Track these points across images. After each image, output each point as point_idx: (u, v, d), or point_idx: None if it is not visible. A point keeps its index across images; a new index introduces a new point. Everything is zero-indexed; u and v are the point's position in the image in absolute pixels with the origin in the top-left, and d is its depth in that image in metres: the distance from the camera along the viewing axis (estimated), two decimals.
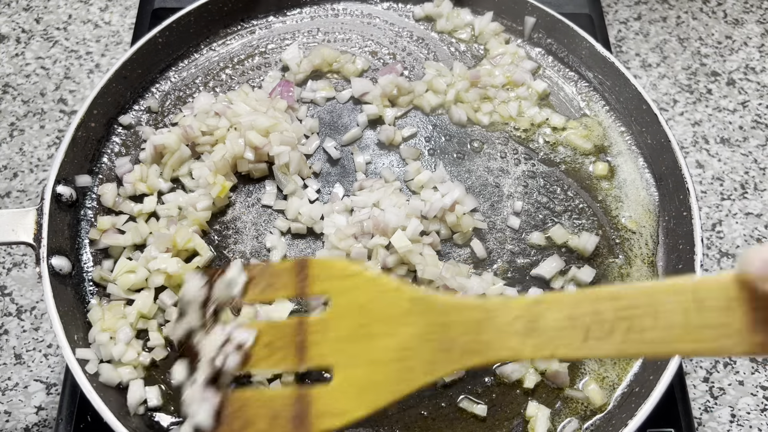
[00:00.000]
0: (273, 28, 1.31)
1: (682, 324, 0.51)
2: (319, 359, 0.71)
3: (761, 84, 1.53)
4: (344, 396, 0.68)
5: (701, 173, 1.40)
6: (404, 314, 0.67)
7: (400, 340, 0.66)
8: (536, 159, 1.17)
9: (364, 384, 0.68)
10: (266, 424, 0.70)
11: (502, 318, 0.62)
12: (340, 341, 0.70)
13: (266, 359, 0.73)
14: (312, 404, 0.69)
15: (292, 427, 0.69)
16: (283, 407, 0.71)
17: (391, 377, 0.66)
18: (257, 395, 0.74)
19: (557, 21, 1.24)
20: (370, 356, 0.68)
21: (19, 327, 1.18)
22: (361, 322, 0.69)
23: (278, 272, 0.76)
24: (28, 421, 1.10)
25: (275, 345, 0.73)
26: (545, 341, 0.59)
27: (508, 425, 0.95)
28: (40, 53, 1.52)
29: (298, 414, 0.70)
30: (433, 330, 0.66)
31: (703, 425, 1.14)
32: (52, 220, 1.00)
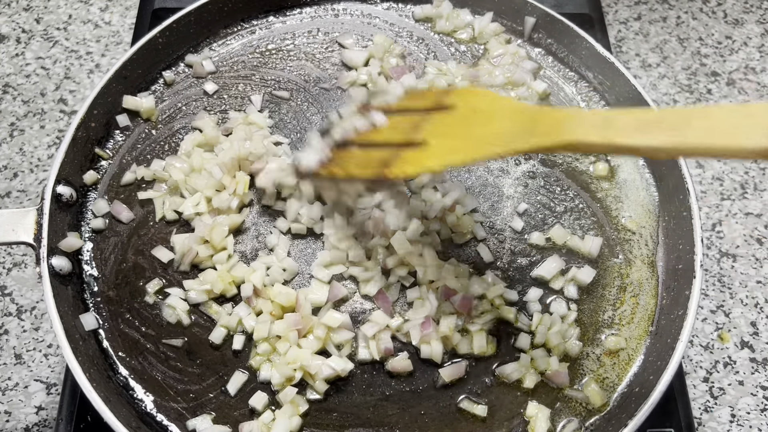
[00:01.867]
0: (273, 28, 1.31)
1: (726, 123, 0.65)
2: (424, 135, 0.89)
3: (761, 84, 1.53)
4: (428, 156, 0.86)
5: (701, 173, 1.40)
6: (508, 113, 0.84)
7: (497, 128, 0.83)
8: (536, 159, 1.17)
9: (449, 149, 0.85)
10: (357, 167, 0.92)
11: (585, 115, 0.77)
12: (448, 126, 0.89)
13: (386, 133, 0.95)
14: (401, 158, 0.88)
15: (377, 167, 0.89)
16: (375, 157, 0.91)
17: (475, 146, 0.82)
18: (361, 151, 0.95)
19: (557, 21, 1.24)
20: (464, 134, 0.85)
21: (19, 327, 1.18)
22: (470, 116, 0.88)
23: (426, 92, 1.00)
24: (28, 421, 1.10)
25: (397, 127, 0.94)
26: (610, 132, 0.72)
27: (508, 425, 0.95)
28: (40, 53, 1.52)
29: (385, 161, 0.89)
30: (525, 122, 0.81)
31: (703, 425, 1.14)
32: (52, 220, 1.00)
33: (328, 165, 0.97)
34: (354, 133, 0.97)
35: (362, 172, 0.91)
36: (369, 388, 0.97)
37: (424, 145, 0.88)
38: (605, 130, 0.72)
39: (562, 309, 1.03)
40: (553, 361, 0.97)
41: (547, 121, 0.79)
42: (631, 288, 1.06)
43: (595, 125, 0.74)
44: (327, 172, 0.96)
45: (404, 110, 0.98)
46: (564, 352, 0.99)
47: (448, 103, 0.92)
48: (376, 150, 0.93)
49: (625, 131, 0.71)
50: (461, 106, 0.90)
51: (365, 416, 0.95)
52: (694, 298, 0.97)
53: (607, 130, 0.72)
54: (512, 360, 0.99)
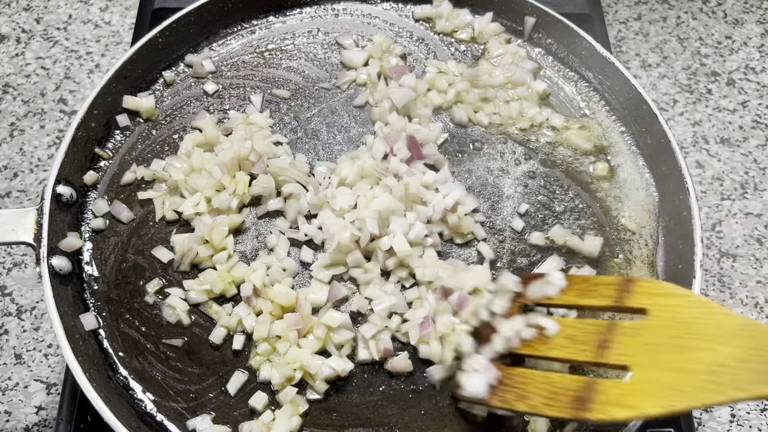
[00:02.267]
0: (273, 28, 1.31)
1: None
2: (620, 358, 0.76)
3: (761, 84, 1.53)
4: (638, 393, 0.72)
5: (701, 173, 1.40)
6: (728, 336, 0.70)
7: (717, 357, 0.69)
8: (536, 159, 1.17)
9: (663, 387, 0.70)
10: (543, 400, 0.77)
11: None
12: (649, 346, 0.74)
13: (564, 348, 0.81)
14: (599, 392, 0.74)
15: (571, 407, 0.75)
16: (566, 389, 0.77)
17: (697, 386, 0.68)
18: (542, 375, 0.81)
19: (557, 21, 1.24)
20: (677, 364, 0.71)
21: (19, 327, 1.18)
22: (678, 335, 0.73)
23: (599, 283, 0.84)
24: (28, 421, 1.10)
25: (577, 338, 0.81)
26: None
27: (507, 425, 0.95)
28: (40, 53, 1.52)
29: (581, 398, 0.75)
30: (756, 354, 0.67)
31: (703, 425, 1.14)
32: (52, 220, 1.00)
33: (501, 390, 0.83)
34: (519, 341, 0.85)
35: (552, 410, 0.77)
36: (369, 388, 0.97)
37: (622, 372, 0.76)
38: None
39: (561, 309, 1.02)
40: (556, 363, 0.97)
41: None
42: None
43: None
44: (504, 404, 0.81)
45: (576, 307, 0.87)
46: None
47: (636, 305, 0.80)
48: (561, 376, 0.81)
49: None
50: (658, 314, 0.77)
51: (365, 416, 0.95)
52: None
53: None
54: None
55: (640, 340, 0.76)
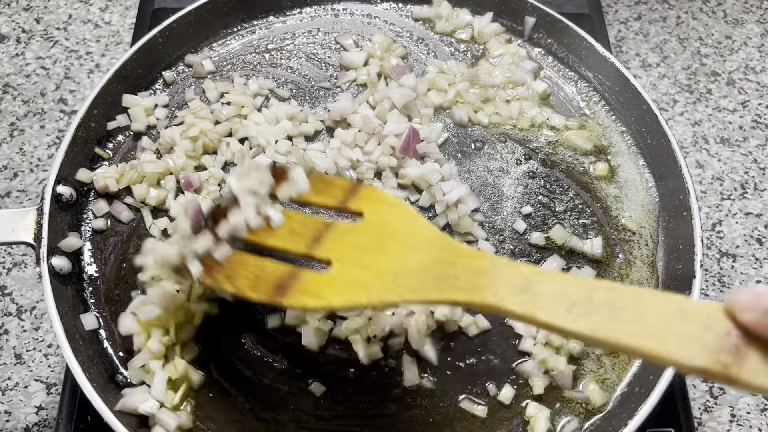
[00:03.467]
0: (273, 28, 1.31)
1: (659, 326, 0.54)
2: (326, 253, 0.79)
3: (761, 84, 1.53)
4: (330, 286, 0.76)
5: (701, 173, 1.40)
6: (422, 244, 0.75)
7: (405, 261, 0.73)
8: (536, 159, 1.17)
9: (353, 282, 0.75)
10: (249, 284, 0.80)
11: (504, 271, 0.66)
12: (355, 246, 0.79)
13: (282, 238, 0.84)
14: (299, 281, 0.78)
15: (271, 292, 0.78)
16: (271, 275, 0.80)
17: (380, 285, 0.73)
18: (255, 259, 0.83)
19: (557, 21, 1.24)
20: (371, 263, 0.75)
21: (19, 327, 1.18)
22: (381, 238, 0.78)
23: (332, 185, 0.88)
24: (28, 421, 1.10)
25: (296, 230, 0.84)
26: (531, 301, 0.62)
27: (507, 425, 0.95)
28: (40, 53, 1.52)
29: (282, 284, 0.78)
30: (439, 264, 0.72)
31: (703, 425, 1.14)
32: (52, 220, 1.00)
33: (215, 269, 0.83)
34: (245, 228, 0.85)
35: (254, 293, 0.79)
36: (369, 387, 0.97)
37: (327, 266, 0.78)
38: (524, 297, 0.63)
39: None
40: (561, 361, 0.97)
41: (464, 269, 0.69)
42: None
43: (514, 289, 0.64)
44: (212, 281, 0.82)
45: (305, 204, 0.90)
46: (569, 352, 0.99)
47: (356, 208, 0.83)
48: (271, 262, 0.82)
49: (547, 305, 0.61)
50: (371, 218, 0.81)
51: (365, 416, 0.95)
52: (694, 297, 0.97)
53: (526, 298, 0.63)
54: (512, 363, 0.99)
55: (348, 239, 0.80)
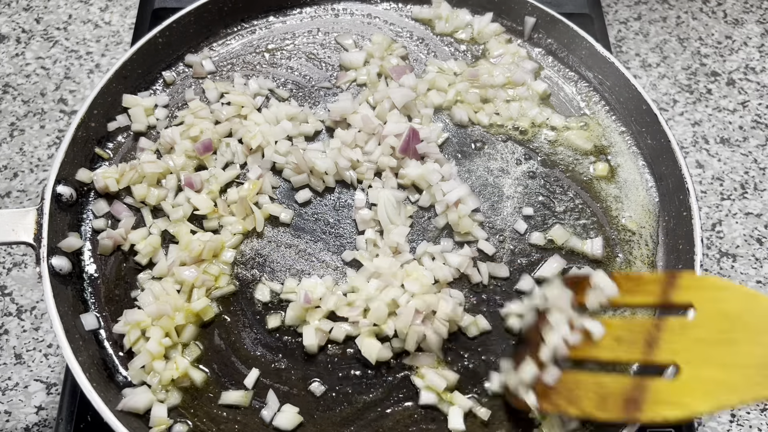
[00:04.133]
0: (273, 28, 1.31)
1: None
2: (669, 355, 0.75)
3: (761, 84, 1.53)
4: (689, 391, 0.71)
5: (701, 173, 1.40)
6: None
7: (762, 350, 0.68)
8: (536, 159, 1.17)
9: (714, 383, 0.70)
10: (594, 404, 0.77)
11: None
12: (697, 342, 0.74)
13: (612, 349, 0.80)
14: (650, 392, 0.74)
15: (623, 409, 0.75)
16: (616, 391, 0.77)
17: (747, 380, 0.68)
18: (591, 377, 0.81)
19: (557, 21, 1.24)
20: (727, 359, 0.70)
21: (19, 327, 1.18)
22: (725, 329, 0.72)
23: (643, 281, 0.84)
24: (28, 421, 1.10)
25: (623, 338, 0.80)
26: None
27: (508, 425, 0.95)
28: (40, 53, 1.52)
29: (632, 398, 0.74)
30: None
31: (703, 425, 1.14)
32: (52, 220, 1.00)
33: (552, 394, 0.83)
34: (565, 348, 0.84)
35: (603, 413, 0.77)
36: (369, 387, 0.97)
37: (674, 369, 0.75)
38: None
39: None
40: None
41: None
42: None
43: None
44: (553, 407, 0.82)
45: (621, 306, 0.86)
46: None
47: (683, 301, 0.79)
48: (610, 377, 0.81)
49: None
50: (705, 308, 0.76)
51: (365, 416, 0.95)
52: None
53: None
54: None
55: (687, 336, 0.76)
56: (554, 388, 0.82)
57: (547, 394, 0.83)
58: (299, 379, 0.97)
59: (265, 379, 0.97)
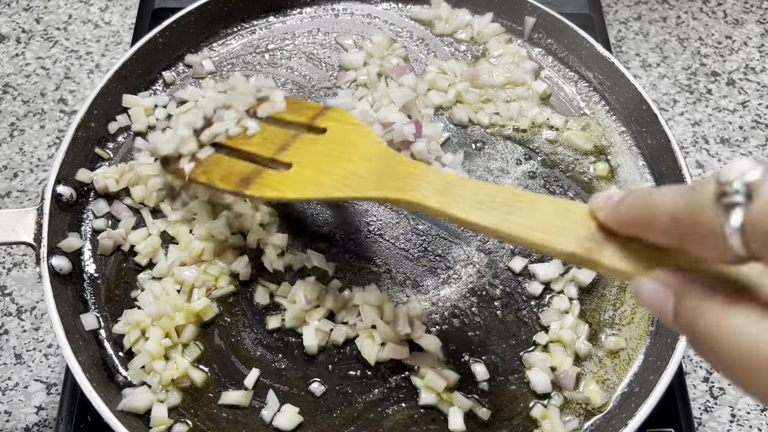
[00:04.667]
0: (273, 28, 1.31)
1: (545, 220, 0.65)
2: (289, 157, 0.93)
3: (761, 84, 1.53)
4: (288, 182, 0.90)
5: (701, 173, 1.40)
6: (371, 155, 0.88)
7: (355, 167, 0.87)
8: (536, 159, 1.17)
9: (308, 180, 0.88)
10: (220, 177, 0.95)
11: (432, 176, 0.78)
12: (316, 153, 0.92)
13: (256, 144, 0.98)
14: (262, 177, 0.92)
15: (238, 184, 0.92)
16: (239, 171, 0.95)
17: (331, 184, 0.86)
18: (229, 160, 0.98)
19: (557, 21, 1.24)
20: (326, 168, 0.89)
21: (19, 327, 1.18)
22: (338, 148, 0.91)
23: (306, 107, 1.01)
24: (28, 421, 1.10)
25: (268, 139, 0.98)
26: (448, 200, 0.74)
27: (508, 425, 0.95)
28: (40, 53, 1.52)
29: (247, 178, 0.92)
30: (382, 170, 0.84)
31: (703, 425, 1.14)
32: (52, 220, 1.00)
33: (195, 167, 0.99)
34: (225, 136, 1.00)
35: (223, 184, 0.94)
36: (369, 388, 0.97)
37: (288, 168, 0.91)
38: (443, 197, 0.75)
39: (564, 305, 1.03)
40: (567, 361, 0.97)
41: (400, 174, 0.81)
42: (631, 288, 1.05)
43: (437, 190, 0.76)
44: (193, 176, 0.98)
45: (280, 121, 1.01)
46: (575, 351, 0.99)
47: (321, 126, 0.96)
48: (241, 162, 0.96)
49: (459, 203, 0.73)
50: (332, 134, 0.94)
51: (365, 416, 0.95)
52: None
53: (445, 197, 0.75)
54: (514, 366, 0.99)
55: (310, 148, 0.93)
56: (201, 163, 0.99)
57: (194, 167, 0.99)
58: (299, 379, 0.97)
59: (265, 379, 0.97)
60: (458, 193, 0.74)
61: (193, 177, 0.98)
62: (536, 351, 0.99)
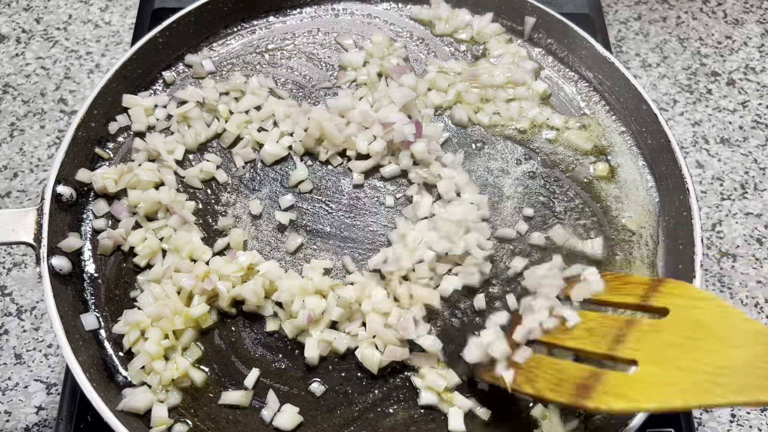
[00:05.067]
0: (273, 28, 1.31)
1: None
2: (630, 352, 0.77)
3: (761, 84, 1.53)
4: (639, 387, 0.73)
5: (701, 173, 1.40)
6: (741, 341, 0.70)
7: (725, 360, 0.69)
8: (536, 159, 1.17)
9: (664, 383, 0.71)
10: (549, 386, 0.80)
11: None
12: (662, 344, 0.75)
13: (581, 339, 0.83)
14: (603, 383, 0.76)
15: (574, 393, 0.77)
16: (572, 377, 0.79)
17: (697, 385, 0.69)
18: (552, 361, 0.83)
19: (557, 21, 1.24)
20: (683, 363, 0.72)
21: (19, 327, 1.18)
22: (691, 335, 0.74)
23: (630, 282, 0.87)
24: (28, 421, 1.10)
25: (595, 331, 0.83)
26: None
27: (508, 425, 0.95)
28: (40, 53, 1.52)
29: (584, 385, 0.76)
30: (764, 361, 0.68)
31: (703, 425, 1.14)
32: (52, 220, 1.00)
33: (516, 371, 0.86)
34: (540, 331, 0.88)
35: (555, 395, 0.79)
36: (369, 388, 0.97)
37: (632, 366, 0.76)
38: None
39: None
40: None
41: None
42: None
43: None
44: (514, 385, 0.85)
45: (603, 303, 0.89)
46: None
47: (660, 305, 0.81)
48: (572, 364, 0.83)
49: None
50: (678, 314, 0.78)
51: (365, 416, 0.95)
52: None
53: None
54: None
55: (654, 337, 0.77)
56: (521, 367, 0.85)
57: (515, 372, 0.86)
58: (299, 379, 0.97)
59: (265, 379, 0.97)
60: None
61: (517, 388, 0.84)
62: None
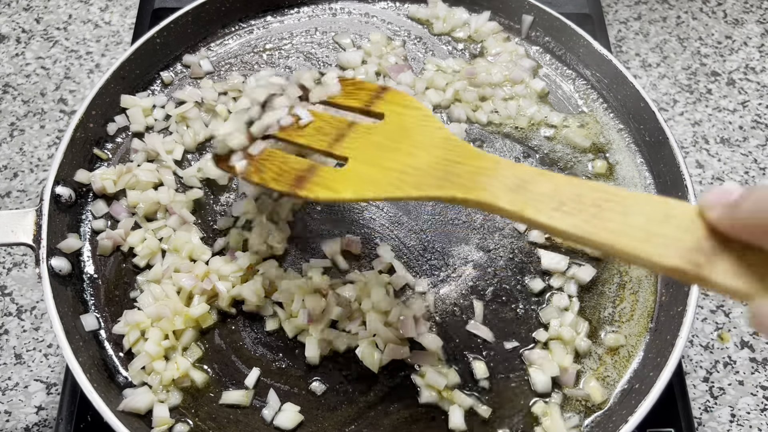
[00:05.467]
0: (270, 28, 1.31)
1: (641, 226, 0.56)
2: (344, 150, 0.85)
3: (761, 84, 1.53)
4: (344, 180, 0.81)
5: (701, 173, 1.40)
6: (431, 144, 0.78)
7: (414, 160, 0.77)
8: (535, 157, 1.17)
9: (364, 178, 0.80)
10: (273, 176, 0.86)
11: (504, 171, 0.69)
12: (371, 145, 0.83)
13: (309, 136, 0.89)
14: (316, 175, 0.83)
15: (292, 184, 0.84)
16: (292, 168, 0.86)
17: (388, 181, 0.77)
18: (283, 155, 0.89)
19: (555, 19, 1.24)
20: (384, 163, 0.80)
21: (19, 327, 1.18)
22: (396, 138, 0.82)
23: (362, 88, 0.93)
24: (28, 421, 1.10)
25: (322, 129, 0.89)
26: (523, 199, 0.65)
27: (509, 422, 0.95)
28: (40, 53, 1.52)
29: (302, 177, 0.84)
30: (444, 163, 0.75)
31: (703, 425, 1.14)
32: (51, 221, 1.00)
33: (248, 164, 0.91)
34: (277, 127, 0.92)
35: (276, 184, 0.85)
36: (370, 386, 0.97)
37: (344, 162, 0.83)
38: (517, 196, 0.66)
39: (564, 302, 1.03)
40: (567, 359, 0.97)
41: (467, 168, 0.73)
42: (630, 285, 1.05)
43: (509, 188, 0.67)
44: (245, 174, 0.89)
45: (335, 106, 0.94)
46: (575, 348, 0.99)
47: (378, 110, 0.88)
48: (295, 157, 0.89)
49: (537, 204, 0.64)
50: (390, 119, 0.86)
51: (366, 415, 0.95)
52: (694, 294, 0.96)
53: (519, 197, 0.65)
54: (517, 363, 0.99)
55: (366, 139, 0.84)
56: (253, 159, 0.90)
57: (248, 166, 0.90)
58: (300, 379, 0.97)
59: (266, 378, 0.97)
60: (535, 192, 0.65)
61: (247, 176, 0.89)
62: (536, 348, 0.99)
